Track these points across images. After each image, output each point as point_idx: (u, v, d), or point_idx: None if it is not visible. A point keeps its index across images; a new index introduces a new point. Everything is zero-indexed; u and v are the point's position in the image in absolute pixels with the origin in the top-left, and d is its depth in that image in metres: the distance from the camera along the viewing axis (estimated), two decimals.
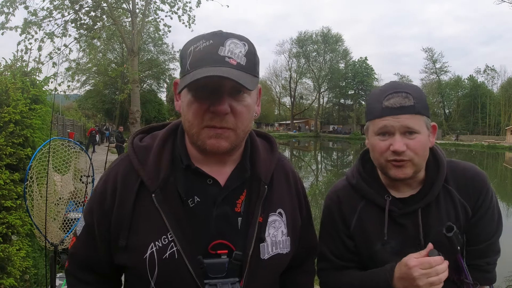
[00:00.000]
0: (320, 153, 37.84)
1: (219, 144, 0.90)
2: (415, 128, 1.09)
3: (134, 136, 1.05)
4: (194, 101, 0.89)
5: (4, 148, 2.92)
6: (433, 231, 1.15)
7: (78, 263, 1.04)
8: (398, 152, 1.09)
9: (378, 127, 1.13)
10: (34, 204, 2.71)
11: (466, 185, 1.19)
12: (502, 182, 19.34)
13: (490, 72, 64.30)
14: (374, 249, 1.20)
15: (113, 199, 0.95)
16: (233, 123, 0.90)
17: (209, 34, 0.90)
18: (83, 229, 1.02)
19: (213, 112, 0.87)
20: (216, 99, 0.87)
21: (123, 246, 0.93)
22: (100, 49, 16.26)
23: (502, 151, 38.61)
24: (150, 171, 0.94)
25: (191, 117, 0.90)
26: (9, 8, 8.68)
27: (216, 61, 0.85)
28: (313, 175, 19.94)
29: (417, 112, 1.09)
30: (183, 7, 10.44)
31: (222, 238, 0.94)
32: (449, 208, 1.17)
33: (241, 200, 0.98)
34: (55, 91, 5.31)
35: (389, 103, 1.10)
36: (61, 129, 20.56)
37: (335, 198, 1.30)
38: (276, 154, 1.09)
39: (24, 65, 5.51)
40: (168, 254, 0.90)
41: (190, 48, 0.90)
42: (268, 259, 0.98)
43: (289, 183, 1.11)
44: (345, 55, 72.75)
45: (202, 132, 0.90)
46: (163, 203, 0.92)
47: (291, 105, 74.42)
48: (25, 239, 3.22)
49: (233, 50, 0.88)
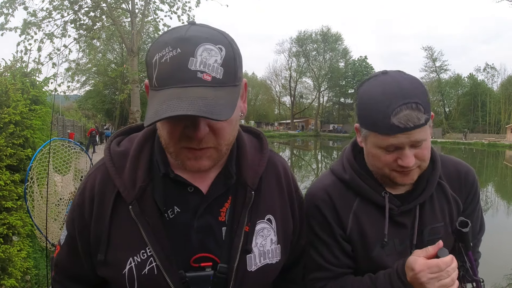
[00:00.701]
0: (320, 152, 37.82)
1: (199, 164, 0.82)
2: (424, 138, 1.01)
3: (112, 139, 0.97)
4: (166, 122, 0.78)
5: (4, 149, 2.92)
6: (427, 229, 1.11)
7: (64, 272, 1.00)
8: (409, 167, 1.01)
9: (385, 144, 1.01)
10: (35, 204, 2.72)
11: (459, 179, 1.17)
12: (502, 181, 19.33)
13: (490, 70, 64.25)
14: (372, 252, 1.11)
15: (91, 211, 0.90)
16: (213, 142, 0.81)
17: (176, 40, 0.75)
18: (66, 239, 0.97)
19: (189, 137, 0.78)
20: (190, 124, 0.77)
21: (101, 261, 0.88)
22: (99, 50, 16.23)
23: (502, 149, 38.57)
24: (126, 181, 0.87)
25: (167, 137, 0.81)
26: (9, 9, 8.68)
27: (186, 80, 0.72)
28: (313, 174, 19.93)
29: (426, 122, 0.99)
30: (183, 7, 10.44)
31: (204, 251, 0.88)
32: (442, 204, 1.15)
33: (226, 208, 0.91)
34: (55, 91, 5.32)
35: (400, 122, 0.96)
36: (61, 129, 20.55)
37: (326, 197, 1.14)
38: (266, 153, 1.00)
39: (24, 66, 5.51)
40: (147, 270, 0.85)
41: (155, 57, 0.76)
42: (255, 271, 0.91)
43: (281, 185, 1.02)
44: (345, 54, 72.79)
45: (180, 152, 0.81)
46: (140, 216, 0.86)
47: (291, 105, 74.38)
48: (26, 239, 3.22)
49: (206, 61, 0.74)
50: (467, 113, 61.95)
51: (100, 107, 39.22)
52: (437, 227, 1.13)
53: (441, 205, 1.14)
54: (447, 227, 1.13)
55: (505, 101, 56.68)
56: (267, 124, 78.02)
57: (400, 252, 1.11)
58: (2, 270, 2.66)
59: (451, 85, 64.19)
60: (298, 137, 61.68)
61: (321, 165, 25.63)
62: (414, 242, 1.10)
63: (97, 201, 0.90)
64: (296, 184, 1.09)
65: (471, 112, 61.04)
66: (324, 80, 71.69)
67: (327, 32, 70.76)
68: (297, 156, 31.89)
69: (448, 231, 1.13)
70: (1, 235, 2.70)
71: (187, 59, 0.73)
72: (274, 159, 1.05)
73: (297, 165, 24.20)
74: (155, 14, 10.70)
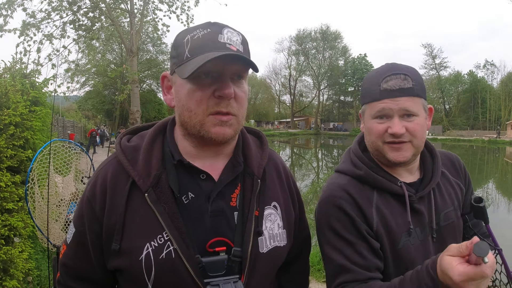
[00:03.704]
0: (321, 151, 37.83)
1: (225, 131, 0.89)
2: (414, 111, 1.06)
3: (121, 137, 1.01)
4: (196, 89, 0.87)
5: (4, 150, 2.92)
6: (442, 214, 1.16)
7: (70, 272, 1.00)
8: (397, 135, 1.06)
9: (376, 110, 1.09)
10: (36, 206, 2.72)
11: (454, 165, 1.27)
12: (503, 177, 19.32)
13: (490, 67, 64.11)
14: (398, 244, 1.09)
15: (103, 203, 0.92)
16: (236, 109, 0.90)
17: (205, 24, 0.90)
18: (74, 236, 0.98)
19: (219, 97, 0.87)
20: (222, 84, 0.87)
21: (116, 250, 0.89)
22: (99, 50, 16.23)
23: (502, 146, 38.55)
24: (141, 170, 0.92)
25: (194, 105, 0.88)
26: (7, 10, 8.67)
27: (218, 47, 0.85)
28: (314, 173, 19.93)
29: (416, 95, 1.07)
30: (181, 7, 10.43)
31: (219, 235, 0.92)
32: (448, 189, 1.21)
33: (236, 194, 0.96)
34: (54, 92, 5.31)
35: (388, 86, 1.06)
36: (61, 130, 20.55)
37: (346, 196, 1.11)
38: (267, 151, 1.08)
39: (23, 67, 5.50)
40: (165, 254, 0.87)
41: (186, 37, 0.89)
42: (266, 252, 0.96)
43: (281, 179, 1.09)
44: (344, 52, 72.65)
45: (206, 121, 0.88)
46: (157, 202, 0.89)
47: (291, 103, 74.36)
48: (27, 241, 3.23)
49: (231, 38, 0.89)
50: (467, 110, 61.92)
51: (100, 108, 39.22)
52: (449, 211, 1.18)
53: (447, 190, 1.20)
54: (456, 211, 1.19)
55: (505, 98, 56.62)
56: (267, 123, 78.01)
57: (422, 240, 1.12)
58: (4, 271, 2.67)
59: (451, 82, 64.10)
60: (298, 135, 61.68)
61: (322, 163, 25.63)
62: (434, 227, 1.13)
63: (109, 193, 0.92)
64: (294, 180, 1.16)
65: (471, 109, 61.00)
66: (324, 78, 71.64)
67: (326, 30, 70.71)
68: (298, 155, 31.87)
69: (458, 215, 1.19)
70: (3, 236, 2.70)
71: (216, 35, 0.87)
72: (273, 156, 1.12)
73: (297, 164, 24.19)
74: (154, 14, 10.70)
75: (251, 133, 1.12)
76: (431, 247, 1.13)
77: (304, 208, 1.18)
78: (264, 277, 0.99)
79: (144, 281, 0.88)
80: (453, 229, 1.16)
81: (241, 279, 0.91)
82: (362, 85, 1.17)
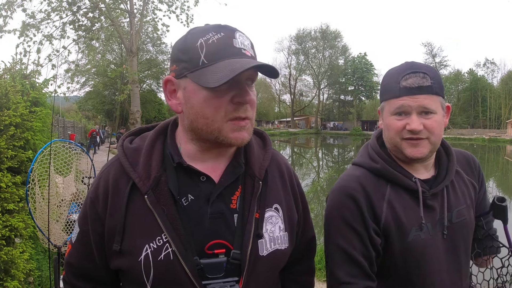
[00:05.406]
0: (321, 150, 37.82)
1: (243, 136, 0.90)
2: (432, 108, 1.09)
3: (124, 139, 1.02)
4: (214, 96, 0.86)
5: (5, 151, 2.92)
6: (455, 211, 1.17)
7: (75, 271, 1.02)
8: (415, 132, 1.09)
9: (395, 107, 1.12)
10: (37, 206, 2.72)
11: (469, 164, 1.28)
12: (504, 176, 19.31)
13: (490, 65, 64.08)
14: (408, 238, 1.12)
15: (105, 205, 0.93)
16: (251, 114, 0.92)
17: (216, 27, 0.88)
18: (78, 236, 1.00)
19: (238, 103, 0.87)
20: (242, 91, 0.87)
21: (117, 251, 0.90)
22: (99, 50, 16.22)
23: (503, 144, 38.53)
24: (141, 172, 0.92)
25: (211, 112, 0.87)
26: (7, 11, 8.66)
27: (235, 54, 0.86)
28: (314, 172, 19.92)
29: (434, 93, 1.10)
30: (181, 6, 10.42)
31: (218, 238, 0.92)
32: (462, 187, 1.22)
33: (236, 196, 0.96)
34: (54, 93, 5.31)
35: (407, 83, 1.09)
36: (61, 131, 20.56)
37: (359, 187, 1.15)
38: (270, 151, 1.07)
39: (23, 68, 5.50)
40: (163, 256, 0.88)
41: (199, 41, 0.86)
42: (267, 255, 0.95)
43: (284, 180, 1.08)
44: (344, 51, 72.55)
45: (225, 126, 0.88)
46: (156, 204, 0.89)
47: (291, 102, 74.30)
48: (28, 241, 3.23)
49: (243, 42, 0.88)
50: (467, 109, 61.86)
51: (100, 108, 39.20)
52: (462, 209, 1.19)
53: (461, 188, 1.22)
54: (469, 209, 1.21)
55: (505, 96, 56.56)
56: (267, 123, 78.00)
57: (432, 236, 1.15)
58: (5, 272, 2.67)
59: (451, 80, 64.00)
60: (298, 135, 61.66)
61: (322, 162, 25.63)
62: (445, 224, 1.15)
63: (111, 194, 0.93)
64: (298, 181, 1.14)
65: (472, 108, 60.94)
66: (324, 78, 71.57)
67: (326, 30, 70.64)
68: (298, 154, 31.88)
69: (470, 213, 1.21)
70: (4, 237, 2.70)
71: (231, 40, 0.87)
72: (277, 157, 1.11)
73: (298, 163, 24.20)
74: (153, 14, 10.70)
75: (255, 133, 1.10)
76: (441, 243, 1.15)
77: (309, 209, 1.17)
78: (264, 280, 0.99)
79: (143, 282, 0.89)
80: (465, 226, 1.18)
81: (240, 282, 0.91)
82: (382, 82, 1.21)
